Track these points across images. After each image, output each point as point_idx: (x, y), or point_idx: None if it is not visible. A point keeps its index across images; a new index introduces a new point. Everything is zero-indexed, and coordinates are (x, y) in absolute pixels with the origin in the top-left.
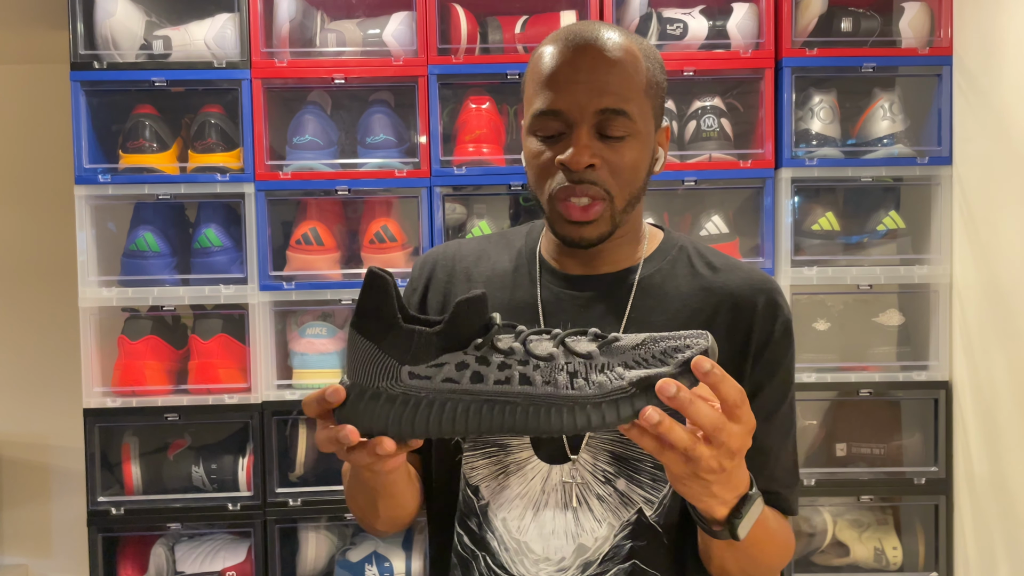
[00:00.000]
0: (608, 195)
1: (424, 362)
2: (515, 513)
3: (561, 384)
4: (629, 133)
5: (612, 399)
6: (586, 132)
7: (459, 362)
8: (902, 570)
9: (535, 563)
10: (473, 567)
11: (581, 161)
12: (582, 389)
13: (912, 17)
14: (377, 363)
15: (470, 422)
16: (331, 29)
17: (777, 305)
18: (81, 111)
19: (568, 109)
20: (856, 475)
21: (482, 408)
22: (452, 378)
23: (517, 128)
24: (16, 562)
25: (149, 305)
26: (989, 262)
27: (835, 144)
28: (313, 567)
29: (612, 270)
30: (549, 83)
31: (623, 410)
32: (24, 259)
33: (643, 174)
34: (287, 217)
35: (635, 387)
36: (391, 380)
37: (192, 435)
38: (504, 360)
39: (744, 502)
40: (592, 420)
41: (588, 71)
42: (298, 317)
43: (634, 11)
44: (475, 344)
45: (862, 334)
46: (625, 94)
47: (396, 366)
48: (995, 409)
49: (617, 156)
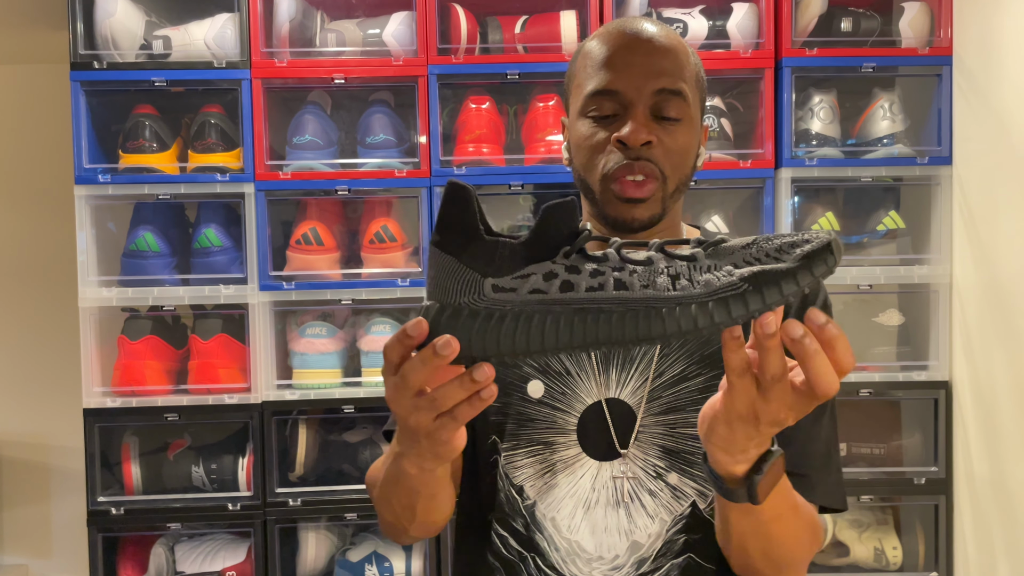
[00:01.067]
0: (662, 175)
1: (509, 274)
2: (565, 512)
3: (661, 286)
4: (683, 116)
5: (721, 297)
6: (643, 111)
7: (547, 272)
8: (902, 570)
9: (588, 562)
10: (521, 569)
11: (640, 137)
12: (686, 290)
13: (912, 17)
14: (458, 277)
15: (560, 334)
16: (331, 29)
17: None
18: (81, 111)
19: (625, 89)
20: (856, 475)
21: (573, 319)
22: (540, 288)
23: (517, 128)
24: (16, 562)
25: (149, 305)
26: (989, 262)
27: (835, 144)
28: (313, 567)
29: None
30: (606, 64)
31: (735, 309)
32: (24, 259)
33: (691, 161)
34: (287, 217)
35: (747, 283)
36: (474, 294)
37: (192, 435)
38: (597, 267)
39: (765, 458)
40: (699, 321)
41: (644, 55)
42: (298, 317)
43: (634, 11)
44: (564, 252)
45: (862, 334)
46: (680, 76)
47: (479, 279)
48: (995, 409)
49: (671, 138)
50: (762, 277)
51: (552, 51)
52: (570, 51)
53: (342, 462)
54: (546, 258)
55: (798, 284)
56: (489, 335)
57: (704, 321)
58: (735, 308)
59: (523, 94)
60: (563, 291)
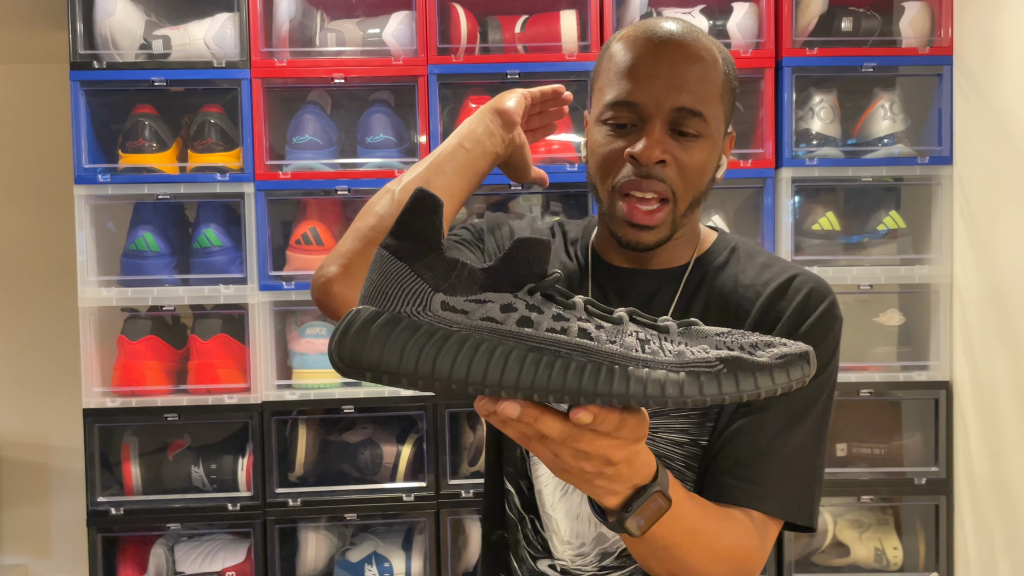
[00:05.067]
0: (673, 195)
1: (463, 295)
2: (548, 490)
3: (630, 345)
4: (701, 134)
5: (694, 371)
6: (660, 127)
7: (506, 303)
8: (902, 570)
9: (562, 542)
10: (519, 528)
11: (652, 155)
12: (656, 355)
13: (912, 17)
14: (404, 285)
15: (507, 371)
16: (331, 29)
17: (811, 299)
18: (81, 111)
19: (644, 102)
20: (856, 475)
21: (526, 356)
22: (494, 317)
23: None
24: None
25: (149, 305)
26: (989, 262)
27: (835, 144)
28: (313, 567)
29: (663, 267)
30: (628, 74)
31: (707, 387)
32: (24, 259)
33: (708, 177)
34: (287, 217)
35: (724, 365)
36: (418, 306)
37: (192, 435)
38: (561, 312)
39: (637, 495)
40: (667, 389)
41: (669, 66)
42: (298, 317)
43: (634, 11)
44: (528, 288)
45: (862, 334)
46: (702, 95)
47: (428, 292)
48: (995, 409)
49: (687, 155)
50: (740, 364)
51: (552, 51)
52: (570, 51)
53: (342, 462)
54: (507, 291)
55: (773, 382)
56: (425, 353)
57: (673, 391)
58: (708, 386)
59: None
60: (520, 326)
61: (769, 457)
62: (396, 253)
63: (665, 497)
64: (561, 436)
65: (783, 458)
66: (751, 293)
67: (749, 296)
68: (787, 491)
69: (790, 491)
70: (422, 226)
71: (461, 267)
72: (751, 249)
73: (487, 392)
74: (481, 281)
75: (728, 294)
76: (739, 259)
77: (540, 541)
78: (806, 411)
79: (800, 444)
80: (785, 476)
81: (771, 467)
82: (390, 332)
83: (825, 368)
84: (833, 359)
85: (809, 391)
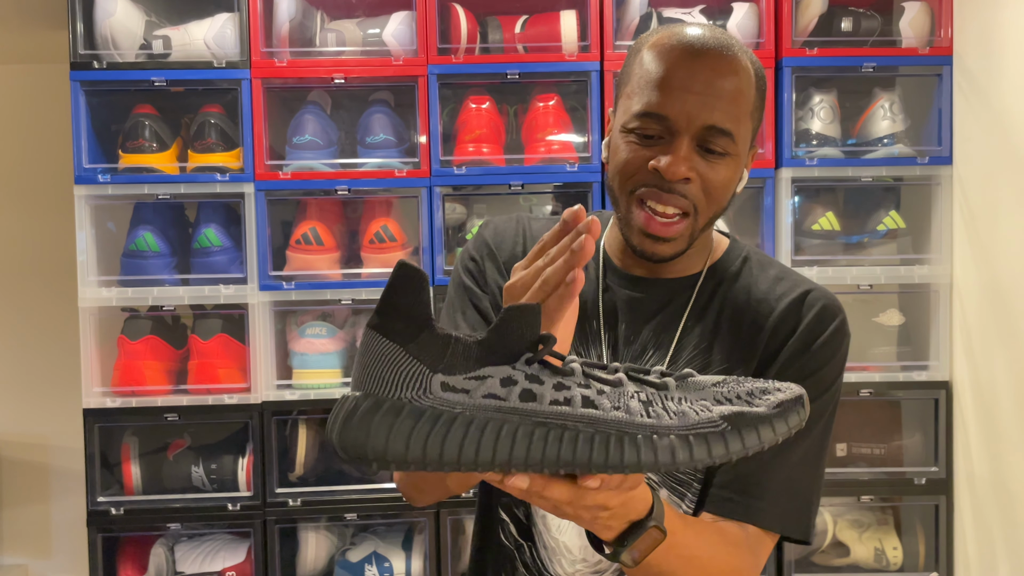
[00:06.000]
0: (694, 210)
1: (461, 373)
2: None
3: (635, 411)
4: (729, 152)
5: (700, 433)
6: (688, 144)
7: (505, 376)
8: (902, 570)
9: (572, 563)
10: (517, 556)
11: (679, 172)
12: (660, 419)
13: (912, 17)
14: (400, 369)
15: (516, 449)
16: (331, 29)
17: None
18: (81, 111)
19: (675, 117)
20: (856, 475)
21: (533, 432)
22: (496, 394)
23: (517, 128)
24: (16, 562)
25: (149, 305)
26: (989, 262)
27: (835, 144)
28: (313, 567)
29: (676, 276)
30: (660, 84)
31: (715, 448)
32: (24, 259)
33: (731, 194)
34: (287, 217)
35: (727, 423)
36: (418, 390)
37: (192, 435)
38: (561, 381)
39: (632, 530)
40: (677, 455)
41: (703, 82)
42: (298, 317)
43: (634, 11)
44: (525, 359)
45: (862, 334)
46: (734, 114)
47: (427, 374)
48: (995, 409)
49: (713, 173)
50: (743, 419)
51: (552, 51)
52: (570, 51)
53: (342, 462)
54: (503, 363)
55: (774, 432)
56: (432, 440)
57: (683, 456)
58: (715, 447)
59: (523, 94)
60: (524, 400)
61: (769, 472)
62: (387, 334)
63: (660, 530)
64: (569, 500)
65: (784, 474)
66: (765, 308)
67: (763, 311)
68: (786, 506)
69: (788, 506)
70: (410, 304)
71: (455, 343)
72: (763, 259)
73: (496, 470)
74: (476, 355)
75: (742, 306)
76: (751, 270)
77: (538, 568)
78: (809, 428)
79: (801, 460)
80: (784, 491)
81: (771, 482)
82: (393, 421)
83: (831, 386)
84: (839, 377)
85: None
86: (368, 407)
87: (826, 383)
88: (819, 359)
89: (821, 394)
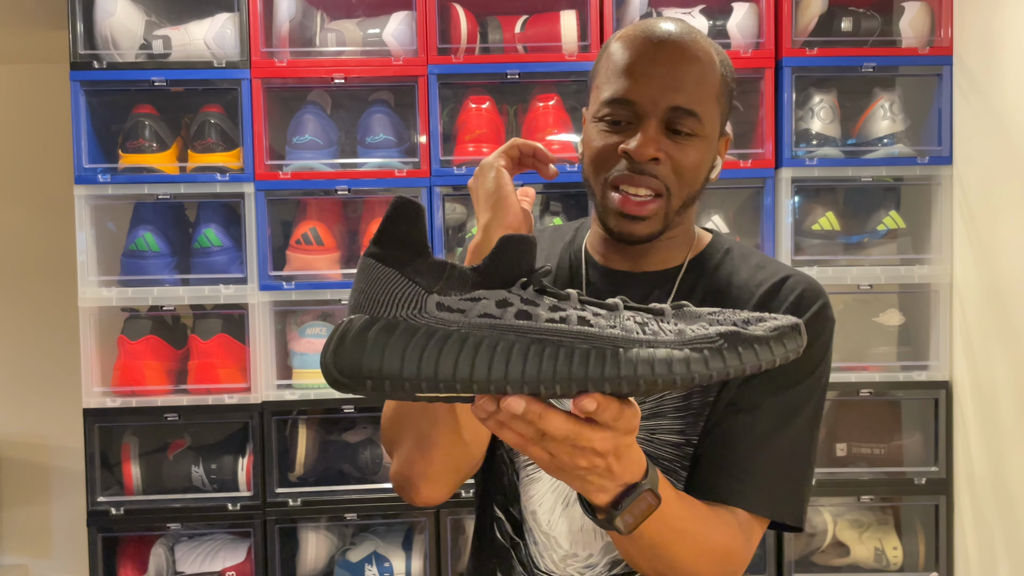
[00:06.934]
0: (667, 191)
1: (457, 295)
2: (545, 507)
3: (631, 329)
4: (696, 133)
5: (697, 347)
6: (655, 125)
7: (501, 299)
8: (902, 570)
9: (563, 559)
10: (512, 555)
11: (646, 152)
12: (657, 335)
13: (912, 17)
14: (396, 290)
15: (512, 365)
16: (331, 29)
17: (804, 299)
18: (81, 111)
19: (640, 100)
20: (856, 475)
21: (529, 348)
22: (492, 313)
23: (517, 128)
24: (16, 562)
25: (149, 305)
26: (989, 262)
27: (835, 144)
28: (313, 567)
29: (657, 269)
30: (626, 72)
31: (712, 362)
32: (24, 259)
33: (703, 177)
34: (287, 217)
35: (724, 339)
36: (414, 309)
37: (192, 435)
38: (557, 303)
39: (627, 492)
40: (674, 367)
41: (666, 66)
42: (298, 317)
43: (634, 11)
44: (520, 283)
45: (862, 334)
46: (698, 95)
47: (422, 294)
48: (995, 409)
49: (682, 154)
50: (739, 338)
51: (552, 51)
52: (570, 51)
53: (342, 462)
54: (500, 288)
55: (772, 353)
56: (427, 355)
57: (680, 368)
58: (713, 361)
59: (523, 94)
60: (519, 319)
61: (758, 457)
62: (383, 260)
63: (654, 495)
64: (564, 434)
65: (772, 458)
66: (744, 294)
67: (743, 297)
68: (775, 491)
69: (779, 491)
70: (407, 232)
71: (451, 268)
72: (745, 251)
73: (492, 389)
74: (473, 280)
75: (722, 295)
76: (733, 260)
77: (531, 564)
78: (796, 412)
79: (790, 444)
80: (774, 476)
81: (760, 467)
82: (388, 337)
83: (816, 369)
84: (824, 360)
85: (799, 392)
86: (362, 325)
87: (810, 366)
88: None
89: (806, 377)
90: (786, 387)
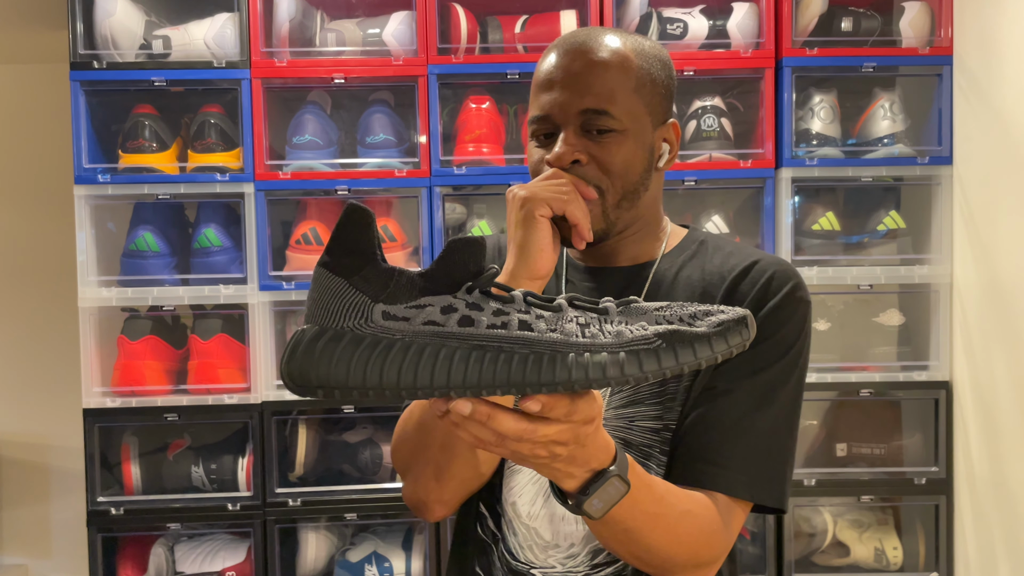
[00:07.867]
0: (599, 190)
1: (403, 303)
2: (526, 499)
3: (569, 332)
4: (614, 129)
5: (633, 349)
6: (571, 132)
7: (446, 305)
8: (902, 570)
9: (544, 549)
10: (494, 551)
11: (564, 159)
12: (595, 338)
13: (912, 17)
14: (344, 299)
15: (453, 371)
16: (331, 29)
17: (774, 281)
18: (80, 111)
19: (553, 112)
20: (856, 475)
21: (470, 355)
22: (435, 320)
23: (517, 128)
24: (16, 562)
25: (149, 305)
26: (989, 262)
27: (835, 144)
28: (313, 567)
29: (631, 263)
30: (539, 87)
31: (646, 363)
32: (24, 259)
33: (638, 171)
34: (287, 217)
35: (661, 339)
36: (360, 319)
37: (192, 435)
38: (501, 307)
39: (596, 479)
40: (608, 371)
41: (571, 74)
42: (298, 317)
43: (634, 11)
44: (466, 287)
45: (862, 334)
46: (607, 94)
47: (368, 303)
48: (995, 409)
49: (605, 152)
50: (677, 336)
51: None
52: None
53: (342, 462)
54: (446, 293)
55: (712, 350)
56: (371, 366)
57: (614, 372)
58: (647, 362)
59: (523, 94)
60: (462, 326)
61: (736, 439)
62: (333, 269)
63: (623, 481)
64: (517, 433)
65: (751, 440)
66: (716, 279)
67: (715, 283)
68: (755, 473)
69: (759, 473)
70: (356, 240)
71: (399, 275)
72: (720, 242)
73: (437, 394)
74: (420, 286)
75: (695, 284)
76: (707, 251)
77: (511, 558)
78: (773, 393)
79: (768, 427)
80: (753, 458)
81: (738, 449)
82: (335, 348)
83: (790, 349)
84: (799, 341)
85: (775, 374)
86: (311, 336)
87: (784, 347)
88: (772, 323)
89: (780, 358)
90: (761, 369)
